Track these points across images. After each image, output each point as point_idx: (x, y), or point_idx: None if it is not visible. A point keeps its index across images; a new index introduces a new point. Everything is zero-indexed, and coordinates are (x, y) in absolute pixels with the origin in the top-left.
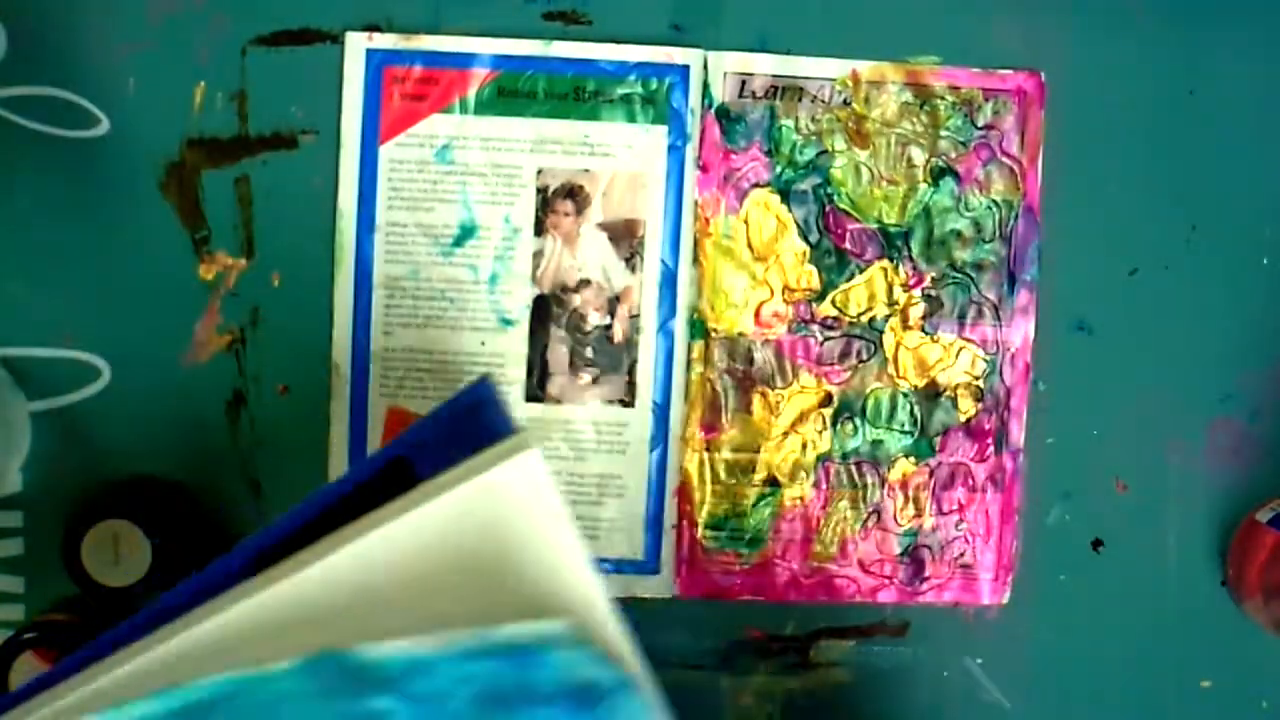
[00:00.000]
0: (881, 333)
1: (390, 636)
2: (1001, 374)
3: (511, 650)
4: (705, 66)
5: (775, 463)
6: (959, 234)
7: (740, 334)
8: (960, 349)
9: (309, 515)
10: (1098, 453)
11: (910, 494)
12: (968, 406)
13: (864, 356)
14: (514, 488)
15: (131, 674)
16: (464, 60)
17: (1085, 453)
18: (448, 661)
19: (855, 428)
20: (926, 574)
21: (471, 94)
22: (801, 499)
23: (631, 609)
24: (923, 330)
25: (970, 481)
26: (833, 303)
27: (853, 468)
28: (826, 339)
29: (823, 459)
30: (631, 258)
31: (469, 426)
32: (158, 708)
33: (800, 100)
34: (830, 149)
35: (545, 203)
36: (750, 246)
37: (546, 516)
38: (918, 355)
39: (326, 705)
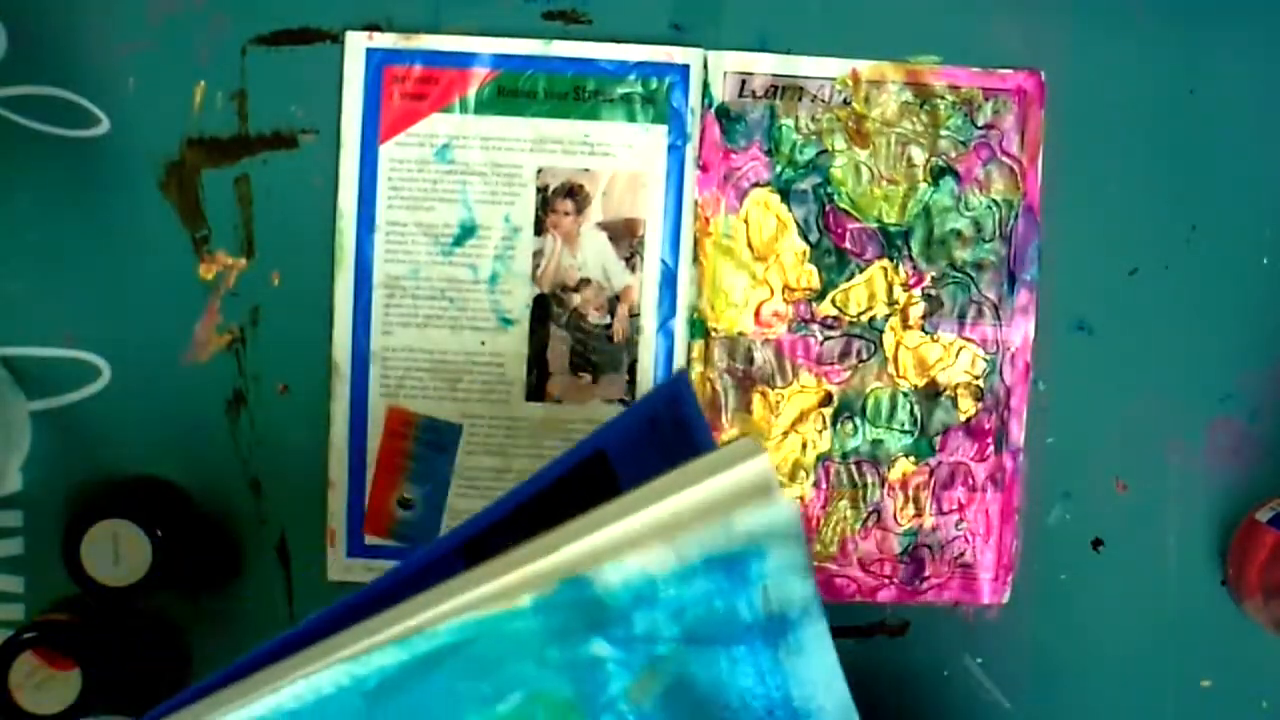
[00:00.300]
0: (881, 332)
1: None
2: (1001, 374)
3: (729, 560)
4: (705, 66)
5: (775, 462)
6: (959, 233)
7: (740, 333)
8: (960, 348)
9: (515, 503)
10: (1098, 453)
11: (910, 493)
12: (968, 406)
13: (864, 356)
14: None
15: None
16: (464, 60)
17: (1085, 453)
18: (671, 584)
19: (855, 427)
20: (926, 573)
21: (471, 93)
22: (801, 499)
23: None
24: (923, 330)
25: (970, 481)
26: (833, 302)
27: (853, 467)
28: (826, 338)
29: (823, 458)
30: (631, 257)
31: (666, 421)
32: (401, 656)
33: (800, 100)
34: (830, 148)
35: (545, 202)
36: (750, 246)
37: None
38: (918, 355)
39: (551, 651)
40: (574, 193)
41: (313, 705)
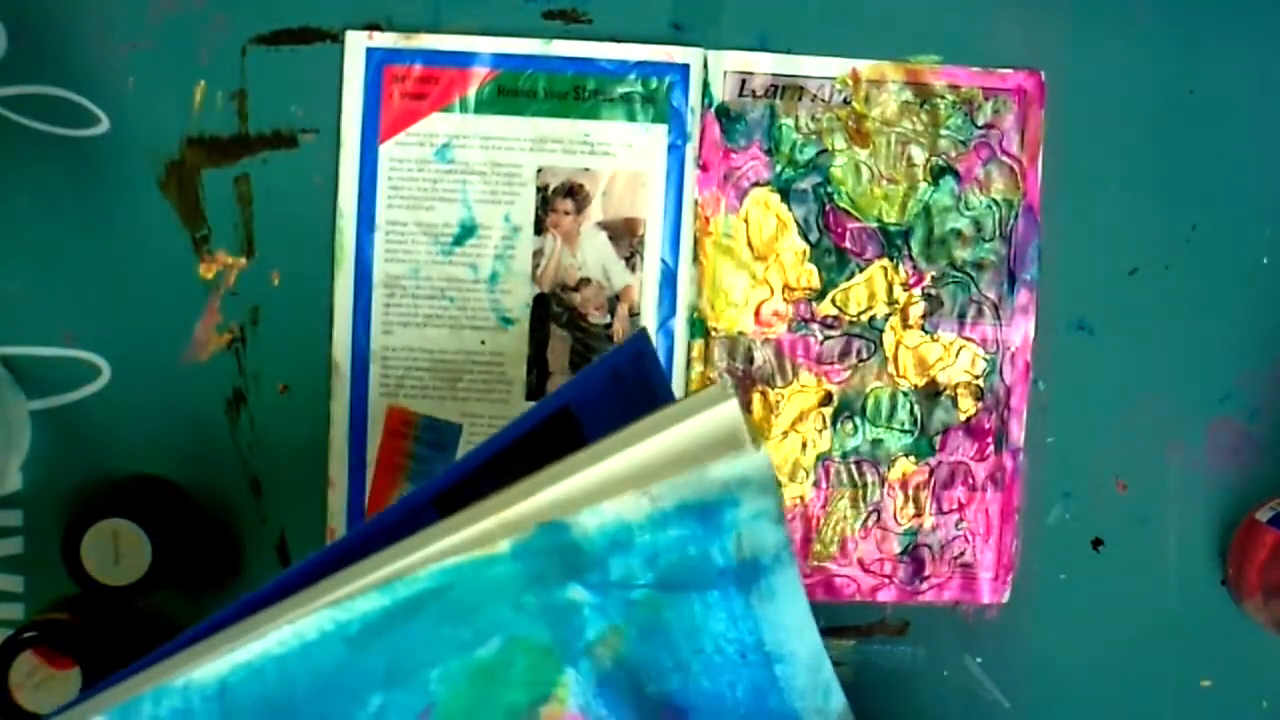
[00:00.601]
0: (881, 332)
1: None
2: (1001, 373)
3: (703, 508)
4: (705, 65)
5: (775, 462)
6: (959, 233)
7: (740, 333)
8: (960, 348)
9: (485, 456)
10: (1098, 453)
11: (910, 493)
12: (968, 406)
13: (864, 355)
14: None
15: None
16: (464, 59)
17: (1085, 453)
18: (646, 530)
19: (855, 427)
20: (926, 573)
21: (471, 93)
22: (801, 498)
23: None
24: (923, 329)
25: (970, 481)
26: (833, 302)
27: (852, 467)
28: (826, 338)
29: (822, 458)
30: (631, 257)
31: (630, 378)
32: (383, 601)
33: (800, 99)
34: (830, 148)
35: (545, 202)
36: (750, 245)
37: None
38: (918, 354)
39: (528, 596)
40: (574, 192)
41: (298, 650)
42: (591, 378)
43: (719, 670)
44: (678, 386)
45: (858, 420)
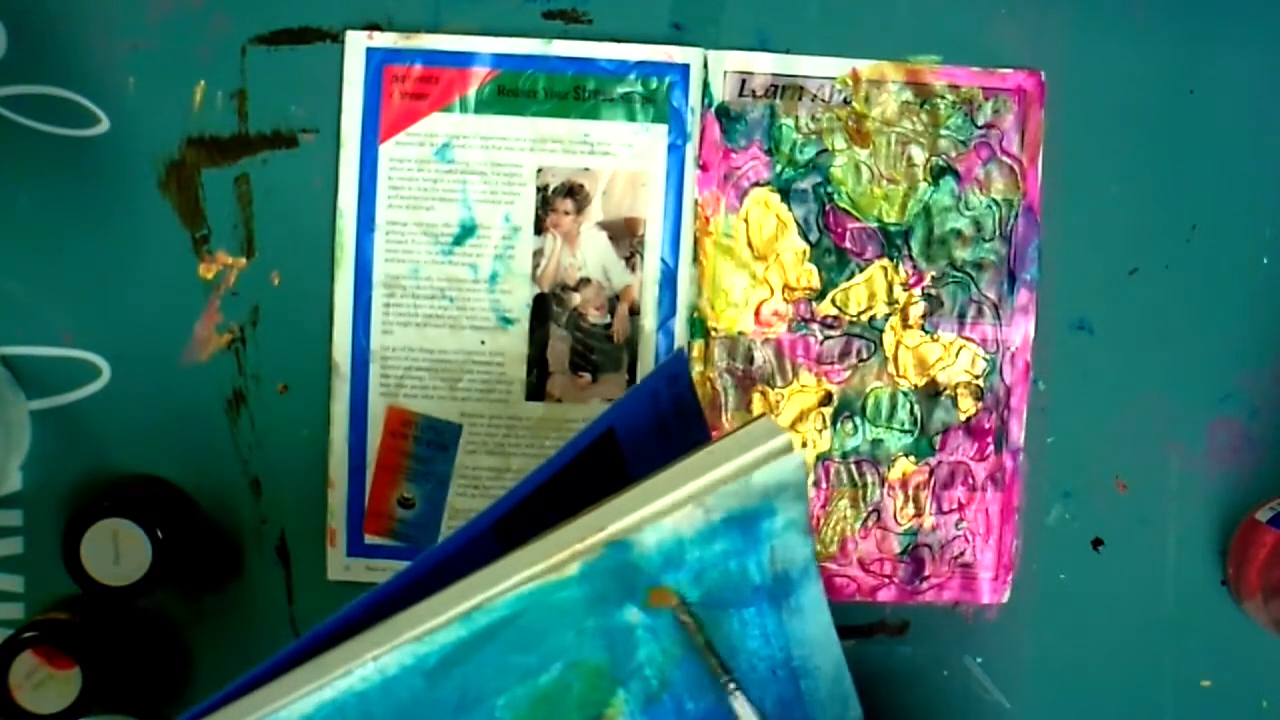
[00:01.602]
0: (881, 331)
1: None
2: (1001, 373)
3: (745, 518)
4: (705, 65)
5: None
6: (959, 233)
7: (740, 333)
8: (960, 348)
9: (539, 481)
10: (1098, 453)
11: (910, 493)
12: (968, 405)
13: (864, 355)
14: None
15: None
16: (464, 59)
17: (1085, 453)
18: (696, 545)
19: (855, 427)
20: (926, 573)
21: (471, 93)
22: None
23: None
24: (923, 329)
25: (970, 481)
26: (833, 302)
27: (852, 467)
28: (826, 338)
29: (823, 458)
30: (631, 256)
31: (666, 399)
32: (461, 633)
33: (800, 99)
34: (830, 148)
35: (545, 201)
36: (750, 245)
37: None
38: (918, 354)
39: (590, 620)
40: (574, 192)
41: (379, 685)
42: (633, 399)
43: (751, 686)
44: None
45: (858, 420)
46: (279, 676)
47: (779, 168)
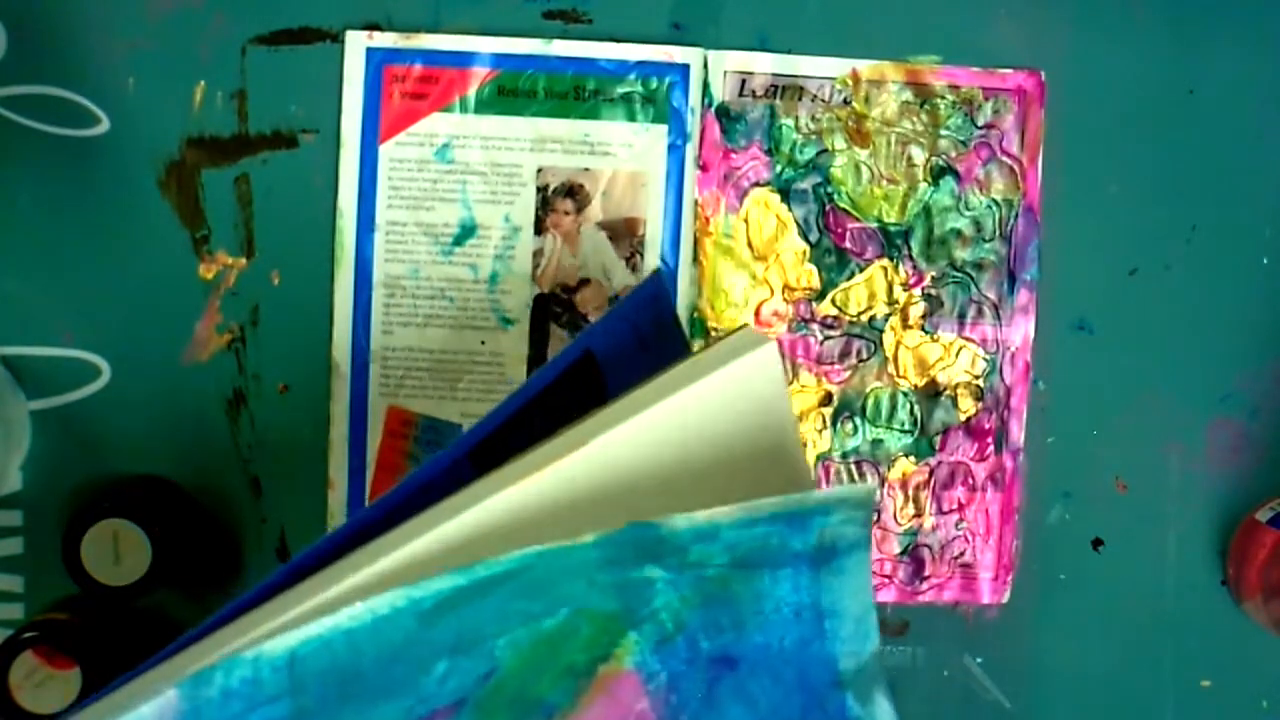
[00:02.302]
0: (881, 332)
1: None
2: (1001, 373)
3: (793, 515)
4: (705, 65)
5: None
6: (959, 233)
7: None
8: (960, 348)
9: (515, 407)
10: (1098, 453)
11: (910, 493)
12: (968, 406)
13: (864, 355)
14: (762, 372)
15: (427, 550)
16: (464, 59)
17: (1085, 453)
18: (734, 528)
19: (855, 427)
20: (926, 573)
21: (471, 93)
22: None
23: None
24: (923, 329)
25: (970, 481)
26: (833, 302)
27: (852, 467)
28: (826, 338)
29: (822, 458)
30: (631, 257)
31: (647, 318)
32: (460, 581)
33: (800, 99)
34: (830, 148)
35: (545, 202)
36: (750, 245)
37: (783, 400)
38: (918, 354)
39: (602, 575)
40: (574, 192)
41: (369, 623)
42: (611, 322)
43: (772, 626)
44: None
45: (858, 420)
46: (263, 603)
47: (779, 168)
